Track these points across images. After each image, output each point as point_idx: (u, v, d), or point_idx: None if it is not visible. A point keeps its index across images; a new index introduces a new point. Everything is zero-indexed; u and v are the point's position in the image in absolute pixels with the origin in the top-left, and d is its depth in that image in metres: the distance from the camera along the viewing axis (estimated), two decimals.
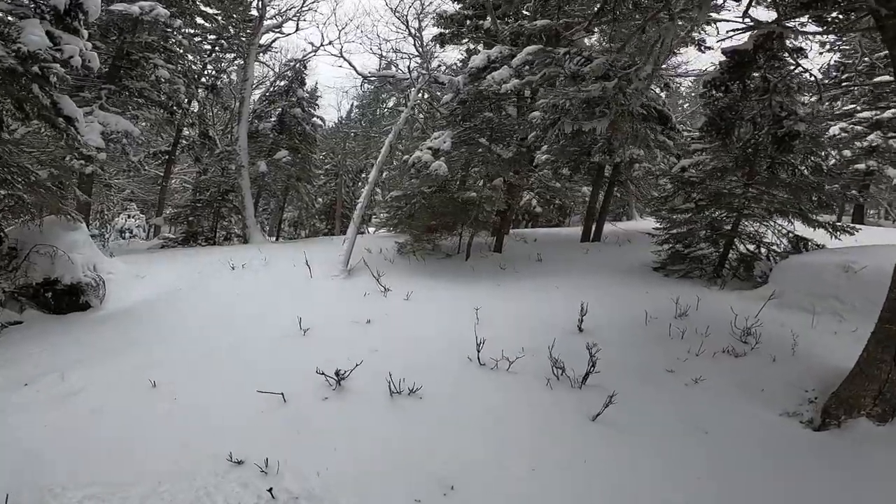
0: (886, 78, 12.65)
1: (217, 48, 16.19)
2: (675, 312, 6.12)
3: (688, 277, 8.13)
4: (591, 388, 4.57)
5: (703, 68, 11.46)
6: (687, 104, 26.00)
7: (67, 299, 6.61)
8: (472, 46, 13.23)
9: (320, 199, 24.15)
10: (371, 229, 27.55)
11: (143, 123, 15.76)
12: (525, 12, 11.33)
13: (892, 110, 14.72)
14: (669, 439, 3.93)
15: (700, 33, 9.17)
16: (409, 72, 14.45)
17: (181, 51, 13.14)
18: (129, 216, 23.29)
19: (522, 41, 10.04)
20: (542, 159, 12.43)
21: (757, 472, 3.54)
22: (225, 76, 17.91)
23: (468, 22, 11.70)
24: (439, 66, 16.26)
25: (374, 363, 4.84)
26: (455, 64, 16.19)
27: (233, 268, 9.25)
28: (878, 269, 5.00)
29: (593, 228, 12.25)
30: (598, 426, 4.08)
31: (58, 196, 6.61)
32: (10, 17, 5.96)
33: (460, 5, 11.94)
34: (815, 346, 5.06)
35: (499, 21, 10.95)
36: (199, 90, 16.45)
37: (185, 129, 16.99)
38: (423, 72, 14.08)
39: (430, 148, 9.17)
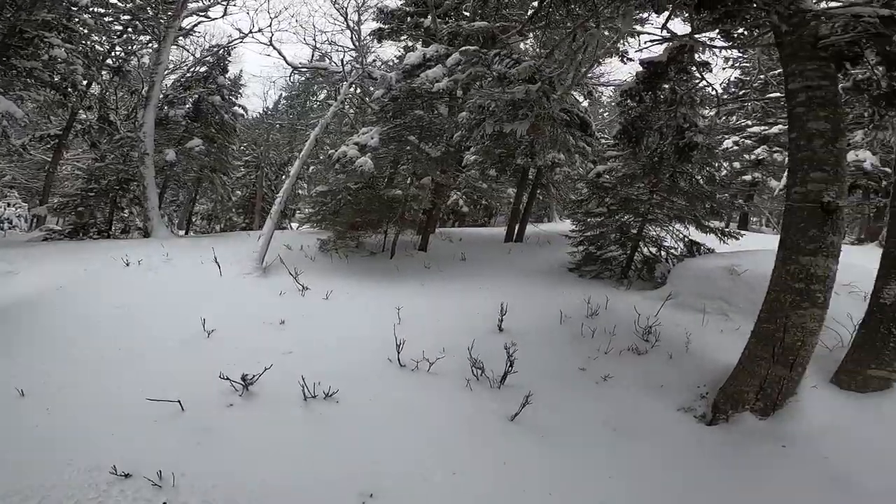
0: (777, 95, 14.20)
1: (130, 29, 14.73)
2: (586, 312, 6.43)
3: (599, 278, 8.61)
4: (510, 388, 4.66)
5: (624, 79, 12.26)
6: (607, 113, 27.66)
7: None
8: (410, 44, 13.10)
9: (238, 192, 22.70)
10: (294, 225, 26.49)
11: (30, 105, 13.87)
12: (465, 12, 11.41)
13: (779, 126, 16.58)
14: (584, 438, 4.09)
15: (624, 45, 9.76)
16: (343, 65, 13.95)
17: (85, 30, 11.71)
18: (8, 204, 20.51)
19: (460, 41, 10.10)
20: (471, 160, 12.62)
21: (657, 468, 3.76)
22: (135, 59, 16.33)
23: (409, 19, 11.57)
24: (374, 61, 15.91)
25: (287, 366, 4.59)
26: (391, 60, 15.98)
27: (127, 264, 8.34)
28: (759, 273, 5.58)
29: (516, 229, 12.62)
30: (516, 426, 4.16)
31: None
32: None
33: (402, 1, 11.76)
34: (705, 343, 5.52)
35: (439, 20, 10.92)
36: (103, 72, 14.94)
37: (80, 112, 15.25)
38: (357, 66, 13.70)
39: (356, 143, 8.91)
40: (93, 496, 2.90)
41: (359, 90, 14.98)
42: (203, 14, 15.12)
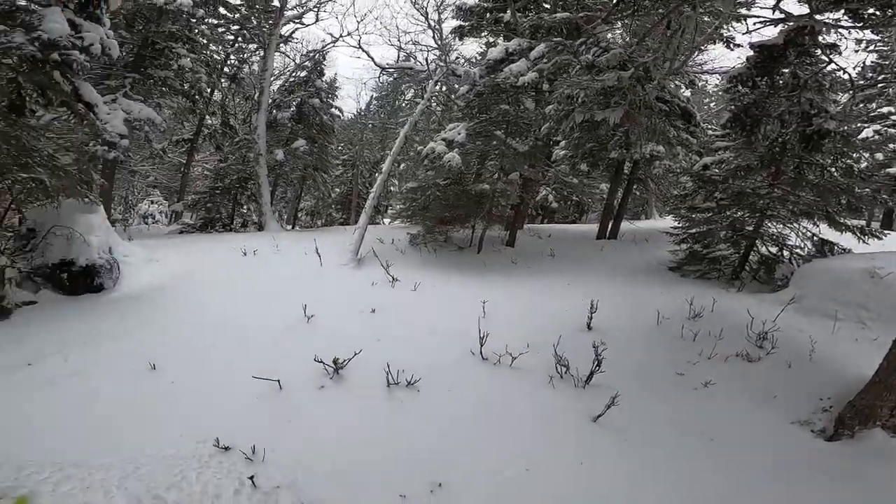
0: None
1: (239, 38, 16.36)
2: (688, 314, 5.92)
3: (705, 278, 7.88)
4: (596, 388, 4.44)
5: (732, 66, 11.06)
6: (714, 103, 25.32)
7: (82, 281, 6.70)
8: (491, 39, 13.06)
9: (337, 190, 24.26)
10: (386, 220, 27.72)
11: (167, 112, 15.99)
12: (545, 5, 11.09)
13: None
14: (673, 444, 3.78)
15: (728, 30, 8.87)
16: (427, 64, 14.29)
17: (204, 41, 13.25)
18: (152, 202, 23.82)
19: (542, 34, 9.84)
20: (560, 154, 12.22)
21: (759, 482, 3.38)
22: (246, 66, 18.10)
23: (488, 15, 11.52)
24: (457, 58, 16.08)
25: (374, 353, 4.78)
26: (474, 57, 16.03)
27: (245, 254, 9.31)
28: None
29: (610, 226, 11.98)
30: (599, 428, 3.96)
31: (77, 180, 6.68)
32: (33, 6, 6.01)
33: None
34: (833, 353, 4.83)
35: (518, 14, 10.74)
36: (222, 80, 16.75)
37: (207, 117, 17.27)
38: (441, 64, 13.95)
39: (444, 139, 9.05)
40: (195, 466, 3.20)
41: (444, 88, 15.22)
42: (298, 21, 16.32)
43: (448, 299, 7.03)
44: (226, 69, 16.58)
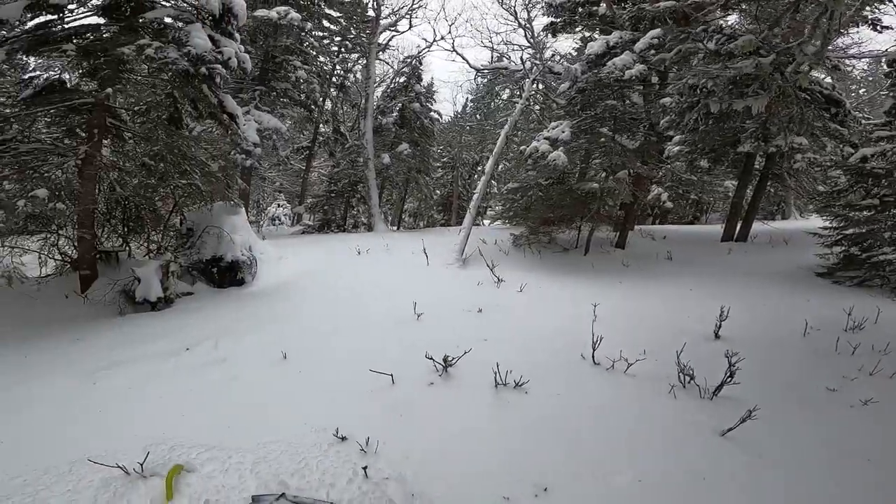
0: None
1: (342, 49, 17.60)
2: (845, 325, 5.05)
3: (864, 286, 6.70)
4: (725, 401, 3.98)
5: (886, 48, 9.28)
6: (863, 89, 21.61)
7: (228, 275, 7.66)
8: (586, 34, 12.49)
9: (437, 192, 24.93)
10: (486, 222, 27.81)
11: (288, 122, 17.71)
12: None
13: None
14: (822, 467, 3.24)
15: (874, 11, 7.52)
16: (523, 63, 14.06)
17: (314, 53, 14.43)
18: (278, 205, 26.51)
19: (644, 26, 9.15)
20: (675, 151, 11.25)
21: None
22: (351, 75, 19.38)
23: (580, 9, 11.02)
24: (553, 55, 15.57)
25: (482, 352, 4.77)
26: (569, 53, 15.44)
27: (359, 253, 9.94)
28: None
29: (738, 226, 10.74)
30: (727, 443, 3.52)
31: (225, 185, 7.69)
32: (178, 23, 6.37)
33: None
34: None
35: (615, 6, 10.10)
36: (331, 89, 18.08)
37: (321, 126, 18.82)
38: (537, 62, 13.66)
39: (547, 138, 8.81)
40: (315, 454, 3.38)
41: (541, 86, 14.83)
42: (393, 28, 17.04)
43: (555, 301, 6.81)
44: (334, 79, 17.81)
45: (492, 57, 17.96)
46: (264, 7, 12.17)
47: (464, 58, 15.61)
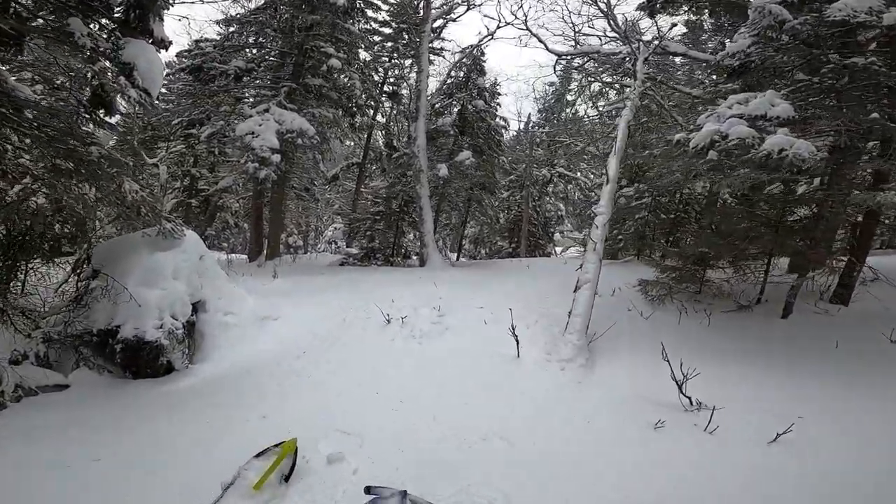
0: None
1: (395, 54, 15.63)
2: None
3: None
4: None
5: None
6: None
7: (140, 357, 4.26)
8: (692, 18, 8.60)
9: (502, 215, 21.14)
10: (558, 249, 23.52)
11: (334, 134, 14.92)
12: None
13: None
14: None
15: None
16: (627, 40, 10.14)
17: (347, 40, 11.50)
18: (336, 228, 24.14)
19: None
20: None
21: None
22: (404, 82, 16.63)
23: None
24: (656, 36, 11.55)
25: None
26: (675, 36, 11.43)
27: (388, 321, 6.08)
28: None
29: None
30: None
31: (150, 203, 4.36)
32: None
33: None
34: None
35: None
36: (383, 99, 16.18)
37: (372, 139, 16.34)
38: (643, 41, 9.86)
39: (739, 115, 4.83)
40: None
41: (650, 70, 10.77)
42: (447, 17, 13.82)
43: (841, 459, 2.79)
44: (385, 87, 15.99)
45: (576, 44, 14.08)
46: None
47: (540, 39, 11.80)
